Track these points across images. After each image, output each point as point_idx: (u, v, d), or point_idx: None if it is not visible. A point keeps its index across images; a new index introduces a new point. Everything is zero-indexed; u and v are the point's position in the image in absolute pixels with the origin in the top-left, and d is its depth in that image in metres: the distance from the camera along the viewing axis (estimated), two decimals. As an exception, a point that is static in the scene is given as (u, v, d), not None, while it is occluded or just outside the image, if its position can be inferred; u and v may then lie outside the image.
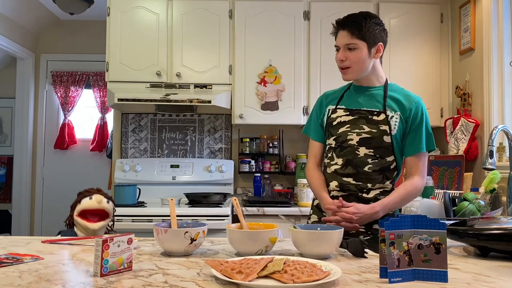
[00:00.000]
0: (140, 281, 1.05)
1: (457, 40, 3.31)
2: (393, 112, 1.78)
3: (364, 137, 1.78)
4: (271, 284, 0.99)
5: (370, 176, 1.77)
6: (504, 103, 2.81)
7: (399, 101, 1.81)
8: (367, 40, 1.76)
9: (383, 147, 1.77)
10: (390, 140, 1.76)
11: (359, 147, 1.78)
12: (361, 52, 1.76)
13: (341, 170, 1.80)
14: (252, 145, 3.58)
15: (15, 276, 1.09)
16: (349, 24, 1.78)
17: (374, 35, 1.77)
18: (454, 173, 2.97)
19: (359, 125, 1.79)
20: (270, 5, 3.37)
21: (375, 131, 1.77)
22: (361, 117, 1.80)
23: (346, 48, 1.77)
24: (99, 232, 1.76)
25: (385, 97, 1.81)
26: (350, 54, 1.77)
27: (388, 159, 1.78)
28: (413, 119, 1.79)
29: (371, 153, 1.77)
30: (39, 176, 4.92)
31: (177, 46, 3.34)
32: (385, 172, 1.79)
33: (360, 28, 1.75)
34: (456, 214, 2.05)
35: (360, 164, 1.77)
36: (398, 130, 1.77)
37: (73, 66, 4.97)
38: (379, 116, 1.78)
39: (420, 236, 1.07)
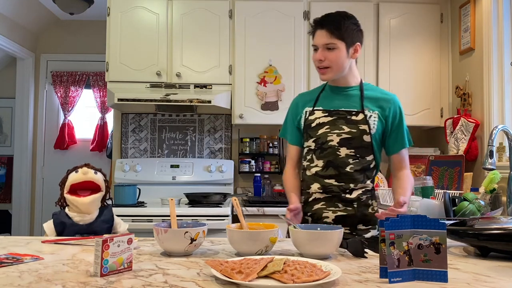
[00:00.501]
0: (140, 281, 1.05)
1: (457, 40, 3.31)
2: (371, 112, 1.80)
3: (344, 137, 1.78)
4: (271, 284, 0.99)
5: (352, 176, 1.78)
6: (504, 103, 2.81)
7: (376, 100, 1.82)
8: (346, 40, 1.77)
9: (363, 146, 1.78)
10: (370, 139, 1.78)
11: (339, 148, 1.78)
12: (340, 52, 1.76)
13: (322, 172, 1.80)
14: (252, 145, 3.58)
15: (15, 276, 1.09)
16: (328, 23, 1.77)
17: (352, 35, 1.78)
18: (454, 173, 2.97)
19: (338, 126, 1.79)
20: (270, 5, 3.37)
21: (355, 131, 1.77)
22: (340, 118, 1.80)
23: (325, 47, 1.77)
24: (92, 207, 1.65)
25: (362, 96, 1.82)
26: (329, 54, 1.77)
27: (368, 159, 1.80)
28: (393, 118, 1.82)
29: (352, 153, 1.78)
30: (39, 176, 4.92)
31: (177, 46, 3.34)
32: (366, 171, 1.80)
33: (339, 28, 1.76)
34: (456, 214, 2.04)
35: (341, 164, 1.78)
36: (377, 129, 1.79)
37: (73, 66, 4.97)
38: (358, 116, 1.79)
39: (420, 236, 1.07)
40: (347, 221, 1.76)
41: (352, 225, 1.78)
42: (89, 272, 1.12)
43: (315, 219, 1.81)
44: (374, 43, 3.38)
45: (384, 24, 3.39)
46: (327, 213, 1.79)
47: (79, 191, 1.65)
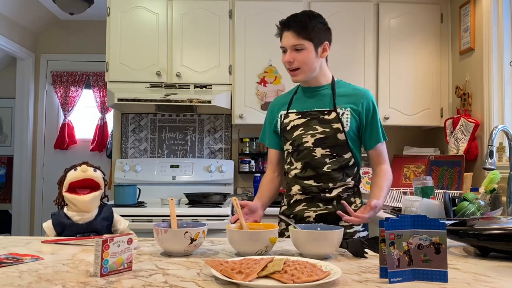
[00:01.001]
0: (140, 281, 1.05)
1: (457, 40, 3.31)
2: (343, 109, 1.79)
3: (318, 137, 1.78)
4: (271, 284, 0.99)
5: (331, 175, 1.78)
6: (504, 103, 2.81)
7: (348, 97, 1.81)
8: (313, 40, 1.75)
9: (338, 145, 1.77)
10: (344, 137, 1.77)
11: (315, 148, 1.78)
12: (309, 52, 1.76)
13: (301, 173, 1.81)
14: (252, 145, 3.58)
15: (15, 276, 1.09)
16: (294, 24, 1.76)
17: (319, 34, 1.77)
18: (454, 173, 2.97)
19: (312, 126, 1.79)
20: (270, 5, 3.37)
21: (328, 130, 1.77)
22: (313, 118, 1.80)
23: (293, 49, 1.77)
24: (92, 205, 1.63)
25: (334, 95, 1.82)
26: (298, 55, 1.76)
27: (345, 156, 1.79)
28: (367, 113, 1.80)
29: (328, 153, 1.78)
30: (39, 176, 4.92)
31: (177, 46, 3.34)
32: (345, 169, 1.80)
33: (305, 28, 1.74)
34: (456, 214, 2.04)
35: (318, 165, 1.78)
36: (350, 126, 1.78)
37: (73, 66, 4.97)
38: (330, 115, 1.78)
39: (420, 236, 1.07)
40: (328, 219, 1.75)
41: (333, 223, 1.72)
42: (89, 272, 1.12)
43: (298, 220, 1.82)
44: (374, 43, 3.38)
45: (384, 24, 3.39)
46: (308, 213, 1.80)
47: (78, 189, 1.62)
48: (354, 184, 1.84)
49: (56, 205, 1.71)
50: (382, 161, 1.85)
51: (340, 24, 3.33)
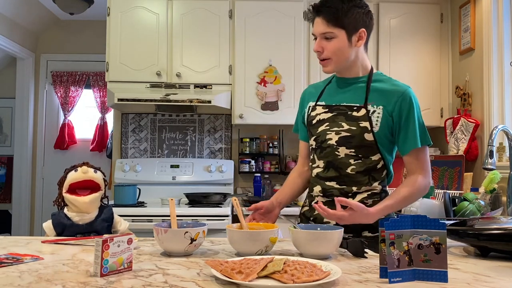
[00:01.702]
0: (140, 281, 1.05)
1: (457, 40, 3.31)
2: (374, 107, 1.59)
3: (343, 135, 1.60)
4: (271, 284, 0.99)
5: (354, 178, 1.60)
6: (504, 103, 2.81)
7: (384, 93, 1.61)
8: (346, 27, 1.56)
9: (365, 145, 1.59)
10: (373, 137, 1.58)
11: (338, 147, 1.61)
12: (339, 41, 1.57)
13: (323, 173, 1.65)
14: (252, 145, 3.58)
15: (15, 276, 1.09)
16: (324, 10, 1.57)
17: (354, 21, 1.57)
18: (454, 173, 2.97)
19: (337, 123, 1.62)
20: (270, 5, 3.37)
21: (354, 128, 1.59)
22: (340, 114, 1.62)
23: (323, 37, 1.59)
24: (92, 206, 1.63)
25: (368, 89, 1.62)
26: (328, 44, 1.59)
27: (373, 158, 1.60)
28: (400, 114, 1.58)
29: (353, 153, 1.60)
30: (39, 176, 4.92)
31: (177, 46, 3.34)
32: (371, 173, 1.61)
33: (336, 14, 1.55)
34: (456, 214, 2.04)
35: (341, 166, 1.61)
36: (381, 126, 1.58)
37: (73, 66, 4.97)
38: (359, 112, 1.59)
39: (420, 236, 1.07)
40: (349, 227, 1.52)
41: (356, 232, 1.58)
42: (89, 272, 1.12)
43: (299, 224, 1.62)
44: (374, 43, 3.38)
45: (384, 24, 3.39)
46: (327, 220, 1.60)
47: (78, 190, 1.62)
48: (381, 189, 1.64)
49: (56, 206, 1.70)
50: (415, 169, 1.59)
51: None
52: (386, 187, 1.68)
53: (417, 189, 1.57)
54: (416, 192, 1.58)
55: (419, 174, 1.58)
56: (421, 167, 1.59)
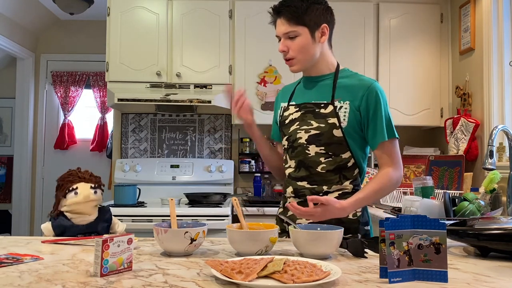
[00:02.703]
0: (140, 281, 1.05)
1: (457, 40, 3.31)
2: (341, 102, 1.59)
3: (313, 133, 1.60)
4: (271, 284, 0.99)
5: (325, 177, 1.60)
6: (504, 103, 2.81)
7: (350, 88, 1.60)
8: (308, 24, 1.57)
9: (334, 142, 1.58)
10: (341, 134, 1.58)
11: (308, 146, 1.60)
12: (303, 39, 1.58)
13: (294, 173, 1.65)
14: (252, 145, 3.58)
15: (15, 276, 1.09)
16: (284, 10, 1.59)
17: (315, 17, 1.58)
18: (454, 173, 2.97)
19: (306, 121, 1.62)
20: (270, 5, 3.36)
21: (323, 125, 1.58)
22: (308, 112, 1.62)
23: (286, 37, 1.60)
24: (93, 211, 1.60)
25: (334, 85, 1.62)
26: (292, 43, 1.60)
27: (343, 156, 1.60)
28: (367, 107, 1.57)
29: (323, 151, 1.59)
30: (39, 176, 4.92)
31: (177, 46, 3.34)
32: (342, 171, 1.61)
33: (297, 13, 1.56)
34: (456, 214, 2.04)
35: (312, 164, 1.60)
36: (349, 122, 1.57)
37: (73, 66, 4.97)
38: (327, 109, 1.59)
39: (420, 236, 1.07)
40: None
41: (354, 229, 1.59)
42: (89, 272, 1.12)
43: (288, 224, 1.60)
44: (374, 43, 3.38)
45: (384, 24, 3.39)
46: (300, 219, 1.60)
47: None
48: (353, 189, 1.63)
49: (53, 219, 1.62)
50: (386, 162, 1.59)
51: (340, 24, 3.31)
52: (360, 186, 1.67)
53: (388, 182, 1.58)
54: (388, 185, 1.58)
55: (389, 167, 1.59)
56: (391, 160, 1.60)
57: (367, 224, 1.68)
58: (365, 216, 1.67)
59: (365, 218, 1.67)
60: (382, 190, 1.59)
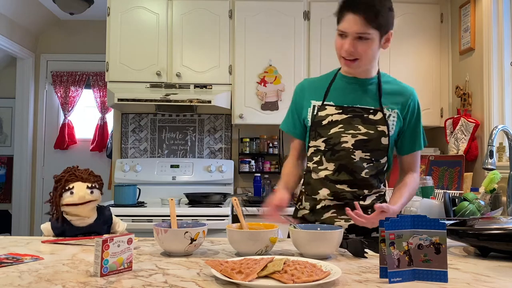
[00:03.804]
0: (140, 281, 1.05)
1: (457, 40, 3.31)
2: (390, 110, 1.58)
3: (360, 139, 1.56)
4: (271, 284, 0.99)
5: (367, 181, 1.59)
6: (504, 103, 2.81)
7: (395, 95, 1.60)
8: (380, 28, 1.48)
9: (379, 149, 1.58)
10: (388, 142, 1.58)
11: (354, 151, 1.56)
12: (373, 43, 1.49)
13: (334, 176, 1.59)
14: (252, 145, 3.58)
15: (15, 276, 1.09)
16: (364, 8, 1.44)
17: (386, 22, 1.49)
18: (454, 173, 2.97)
19: (354, 126, 1.57)
20: (270, 5, 3.37)
21: (372, 132, 1.55)
22: (356, 116, 1.57)
23: (357, 37, 1.47)
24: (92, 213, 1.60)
25: (380, 91, 1.59)
26: (360, 44, 1.48)
27: (382, 161, 1.61)
28: (411, 116, 1.61)
29: (367, 157, 1.57)
30: (39, 176, 4.92)
31: (177, 46, 3.34)
32: (379, 175, 1.63)
33: (377, 14, 1.45)
34: (456, 214, 2.04)
35: (356, 169, 1.57)
36: (395, 130, 1.59)
37: (73, 66, 4.97)
38: (376, 115, 1.57)
39: (420, 236, 1.07)
40: (361, 229, 1.52)
41: (366, 233, 1.58)
42: (89, 272, 1.12)
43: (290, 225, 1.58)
44: (374, 43, 3.38)
45: (384, 24, 3.39)
46: (339, 222, 1.59)
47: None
48: (385, 191, 1.67)
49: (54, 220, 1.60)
50: (414, 168, 1.65)
51: (340, 24, 3.33)
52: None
53: (416, 187, 1.68)
54: (416, 190, 1.68)
55: (414, 173, 1.67)
56: (415, 166, 1.67)
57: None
58: None
59: None
60: (413, 195, 1.67)
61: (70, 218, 1.59)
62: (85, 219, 1.60)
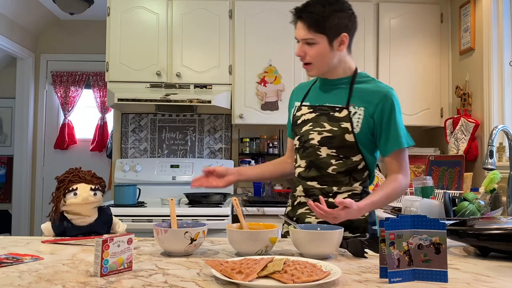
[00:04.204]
0: (140, 281, 1.05)
1: (457, 40, 3.31)
2: (356, 108, 1.60)
3: (325, 136, 1.61)
4: (271, 284, 0.99)
5: (335, 178, 1.62)
6: (504, 103, 2.81)
7: (366, 94, 1.62)
8: (327, 33, 1.56)
9: (346, 146, 1.60)
10: (353, 138, 1.59)
11: (320, 147, 1.62)
12: (320, 47, 1.57)
13: (305, 173, 1.67)
14: (252, 145, 3.58)
15: (15, 276, 1.09)
16: (305, 15, 1.56)
17: (335, 26, 1.56)
18: (454, 173, 2.97)
19: (320, 123, 1.63)
20: (270, 5, 3.37)
21: (336, 129, 1.60)
22: (323, 114, 1.64)
23: (304, 42, 1.59)
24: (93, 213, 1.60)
25: (351, 90, 1.63)
26: (309, 49, 1.59)
27: (354, 159, 1.62)
28: (381, 116, 1.59)
29: (334, 153, 1.61)
30: (39, 176, 4.92)
31: (177, 46, 3.34)
32: (352, 173, 1.63)
33: (317, 20, 1.54)
34: (456, 214, 2.04)
35: (322, 165, 1.63)
36: (362, 128, 1.59)
37: (73, 66, 4.97)
38: (341, 113, 1.61)
39: (420, 236, 1.07)
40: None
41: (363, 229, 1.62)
42: (89, 272, 1.12)
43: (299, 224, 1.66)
44: (374, 43, 3.38)
45: (384, 24, 3.39)
46: (310, 218, 1.66)
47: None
48: (362, 190, 1.66)
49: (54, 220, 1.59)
50: (396, 169, 1.61)
51: (340, 24, 3.34)
52: (368, 188, 1.70)
53: (398, 187, 1.59)
54: (398, 190, 1.59)
55: (399, 174, 1.61)
56: (400, 167, 1.61)
57: (374, 224, 1.70)
58: (372, 216, 1.70)
59: (372, 218, 1.70)
60: (393, 195, 1.60)
61: (71, 217, 1.59)
62: (86, 218, 1.60)
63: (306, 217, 1.67)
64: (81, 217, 1.59)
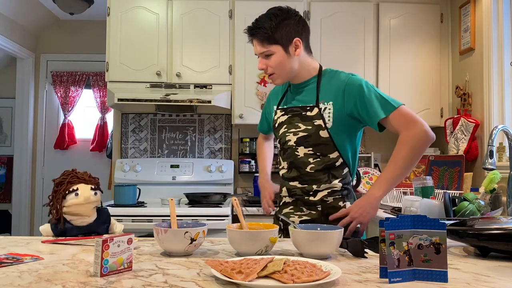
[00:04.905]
0: (140, 281, 1.05)
1: (457, 40, 3.31)
2: (326, 103, 1.66)
3: (301, 135, 1.69)
4: (271, 284, 0.99)
5: (314, 176, 1.69)
6: (504, 103, 2.81)
7: (331, 88, 1.67)
8: (280, 42, 1.66)
9: (321, 143, 1.67)
10: (328, 134, 1.65)
11: (297, 147, 1.70)
12: (278, 56, 1.67)
13: (287, 174, 1.76)
14: (252, 145, 3.58)
15: (15, 276, 1.09)
16: (256, 32, 1.69)
17: (286, 34, 1.65)
18: (454, 173, 2.97)
19: (294, 124, 1.71)
20: (270, 5, 3.34)
21: (310, 127, 1.67)
22: (295, 115, 1.72)
23: (263, 56, 1.71)
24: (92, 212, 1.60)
25: (318, 88, 1.70)
26: (268, 61, 1.70)
27: (331, 156, 1.68)
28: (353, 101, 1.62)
29: (311, 152, 1.68)
30: (39, 176, 4.92)
31: (177, 46, 3.34)
32: (331, 170, 1.69)
33: (267, 33, 1.65)
34: (456, 214, 2.04)
35: (301, 165, 1.70)
36: (334, 122, 1.64)
37: (73, 66, 4.97)
38: (313, 111, 1.68)
39: (420, 236, 1.07)
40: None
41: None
42: (89, 272, 1.12)
43: (284, 224, 1.78)
44: (374, 43, 3.38)
45: (384, 24, 3.39)
46: (293, 218, 1.73)
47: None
48: (342, 187, 1.70)
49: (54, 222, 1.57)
50: (400, 128, 1.59)
51: (340, 24, 3.34)
52: (349, 184, 1.74)
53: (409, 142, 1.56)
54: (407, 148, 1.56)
55: (403, 131, 1.58)
56: (399, 127, 1.59)
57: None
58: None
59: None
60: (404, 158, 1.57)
61: (70, 218, 1.59)
62: (86, 218, 1.60)
63: (290, 216, 1.75)
64: (81, 217, 1.59)
